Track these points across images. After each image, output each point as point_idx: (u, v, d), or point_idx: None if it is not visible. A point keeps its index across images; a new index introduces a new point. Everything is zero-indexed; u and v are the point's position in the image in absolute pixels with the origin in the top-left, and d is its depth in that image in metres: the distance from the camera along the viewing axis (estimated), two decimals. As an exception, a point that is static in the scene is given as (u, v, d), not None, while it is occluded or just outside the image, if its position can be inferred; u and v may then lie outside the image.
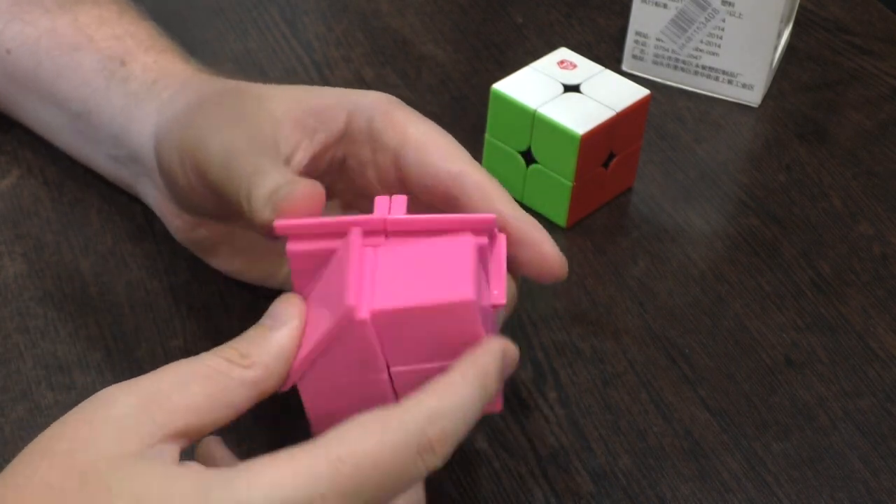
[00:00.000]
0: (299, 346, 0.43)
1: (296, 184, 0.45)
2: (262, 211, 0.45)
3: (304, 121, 0.50)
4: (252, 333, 0.43)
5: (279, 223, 0.44)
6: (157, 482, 0.38)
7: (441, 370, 0.42)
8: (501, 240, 0.47)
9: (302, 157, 0.50)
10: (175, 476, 0.39)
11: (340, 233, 0.44)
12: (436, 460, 0.40)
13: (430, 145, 0.49)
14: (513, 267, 0.48)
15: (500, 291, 0.45)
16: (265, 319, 0.44)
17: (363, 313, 0.42)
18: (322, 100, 0.50)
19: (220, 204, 0.49)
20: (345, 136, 0.50)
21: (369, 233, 0.44)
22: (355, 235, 0.43)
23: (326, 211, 0.48)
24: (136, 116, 0.55)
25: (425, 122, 0.50)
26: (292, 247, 0.44)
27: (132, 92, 0.55)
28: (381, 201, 0.46)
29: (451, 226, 0.44)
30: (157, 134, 0.53)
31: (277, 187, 0.45)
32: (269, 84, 0.52)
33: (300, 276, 0.45)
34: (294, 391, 0.45)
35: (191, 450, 0.42)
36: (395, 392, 0.44)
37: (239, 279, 0.56)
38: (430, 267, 0.43)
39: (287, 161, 0.49)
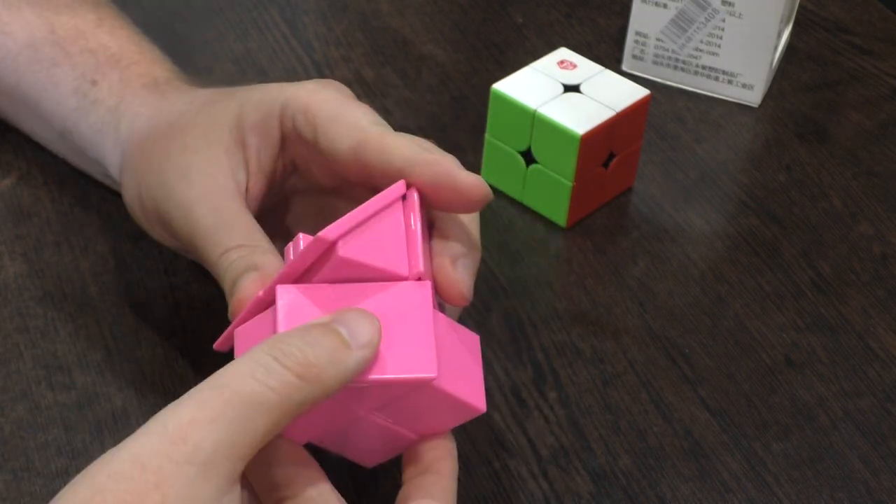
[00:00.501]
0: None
1: (243, 280, 0.46)
2: (228, 297, 0.46)
3: (248, 142, 0.50)
4: (323, 338, 0.40)
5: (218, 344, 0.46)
6: None
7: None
8: (411, 200, 0.45)
9: (257, 180, 0.50)
10: None
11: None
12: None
13: (330, 121, 0.48)
14: (436, 207, 0.46)
15: (414, 262, 0.43)
16: (340, 327, 0.41)
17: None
18: (257, 112, 0.50)
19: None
20: (285, 143, 0.50)
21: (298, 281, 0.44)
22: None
23: (290, 220, 0.52)
24: (107, 144, 0.55)
25: (329, 96, 0.49)
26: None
27: (100, 119, 0.56)
28: (287, 250, 0.45)
29: (365, 215, 0.43)
30: (121, 180, 0.54)
31: (237, 277, 0.46)
32: (213, 98, 0.52)
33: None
34: None
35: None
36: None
37: None
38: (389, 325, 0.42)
39: (246, 191, 0.50)
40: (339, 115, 0.48)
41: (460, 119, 0.69)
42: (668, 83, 0.74)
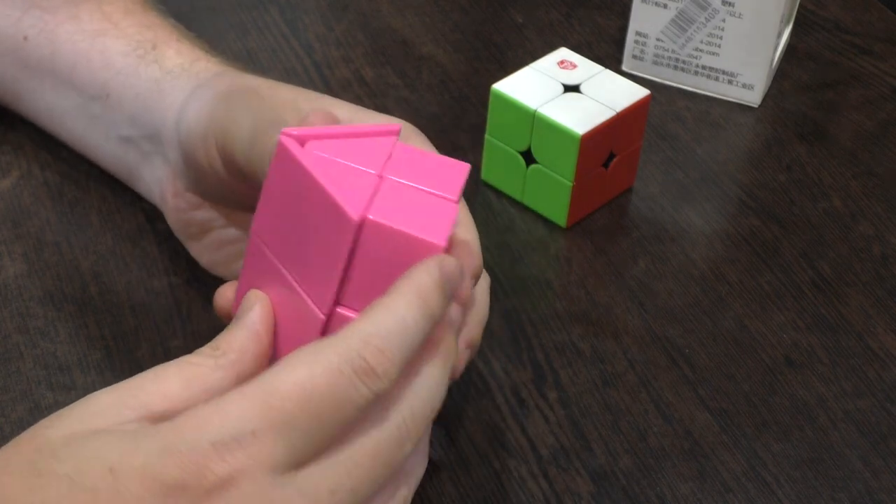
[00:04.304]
0: (270, 328, 0.43)
1: None
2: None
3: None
4: (223, 331, 0.43)
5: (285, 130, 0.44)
6: (98, 445, 0.38)
7: None
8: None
9: None
10: (119, 437, 0.38)
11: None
12: (379, 382, 0.39)
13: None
14: None
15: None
16: (234, 320, 0.44)
17: (356, 215, 0.41)
18: (351, 116, 0.51)
19: (232, 186, 0.50)
20: None
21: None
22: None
23: None
24: (167, 90, 0.56)
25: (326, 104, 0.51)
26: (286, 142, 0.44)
27: (167, 69, 0.57)
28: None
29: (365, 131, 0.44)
30: (187, 110, 0.53)
31: None
32: (294, 88, 0.53)
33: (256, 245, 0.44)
34: None
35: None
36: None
37: (215, 272, 0.56)
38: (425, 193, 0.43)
39: None
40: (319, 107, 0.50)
41: (460, 119, 0.69)
42: (668, 83, 0.74)
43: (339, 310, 0.42)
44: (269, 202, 0.44)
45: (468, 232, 0.47)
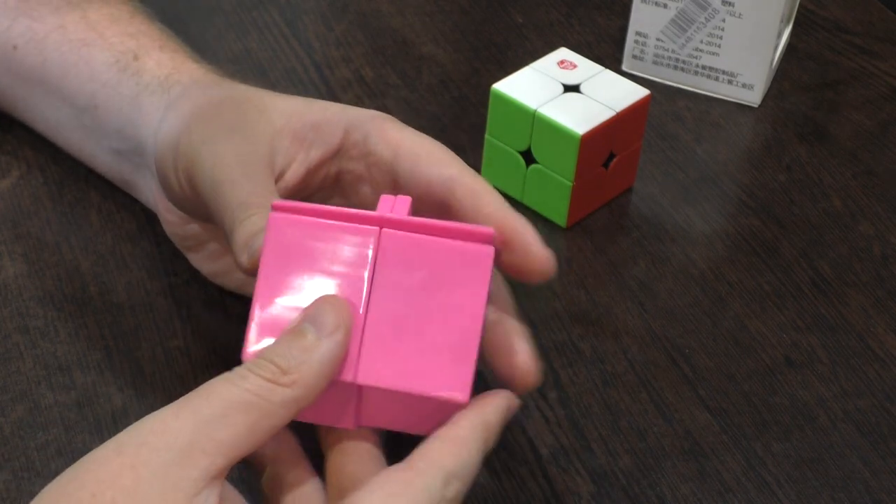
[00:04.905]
0: (344, 359, 0.42)
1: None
2: (239, 254, 0.45)
3: (303, 133, 0.51)
4: (293, 343, 0.41)
5: (275, 203, 0.44)
6: None
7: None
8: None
9: (296, 171, 0.50)
10: None
11: (335, 216, 0.43)
12: None
13: (421, 154, 0.49)
14: (502, 268, 0.47)
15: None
16: (307, 324, 0.42)
17: (350, 376, 0.42)
18: (322, 114, 0.51)
19: (203, 209, 0.50)
20: (340, 152, 0.51)
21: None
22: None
23: None
24: (145, 107, 0.55)
25: (419, 134, 0.50)
26: (276, 216, 0.43)
27: (144, 83, 0.56)
28: (385, 200, 0.46)
29: (450, 233, 0.43)
30: (159, 133, 0.53)
31: (256, 232, 0.45)
32: (273, 92, 0.53)
33: (272, 255, 0.44)
34: None
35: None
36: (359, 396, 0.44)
37: (216, 282, 0.56)
38: (434, 306, 0.42)
39: (281, 175, 0.50)
40: (430, 150, 0.49)
41: (460, 119, 0.69)
42: (668, 83, 0.74)
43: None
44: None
45: (490, 202, 0.47)
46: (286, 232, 0.43)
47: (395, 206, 0.45)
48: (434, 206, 0.48)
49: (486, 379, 0.55)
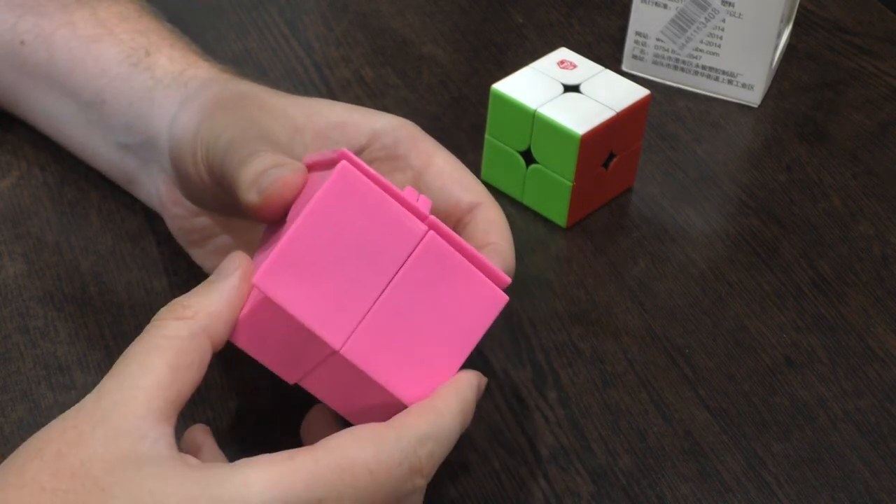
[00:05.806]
0: (246, 294, 0.44)
1: (283, 168, 0.45)
2: (247, 192, 0.45)
3: (326, 132, 0.51)
4: (197, 288, 0.44)
5: (345, 152, 0.43)
6: (151, 483, 0.39)
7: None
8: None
9: None
10: (169, 476, 0.39)
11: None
12: (422, 481, 0.42)
13: (453, 174, 0.51)
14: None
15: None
16: (212, 276, 0.45)
17: (338, 344, 0.42)
18: (347, 115, 0.52)
19: (222, 197, 0.50)
20: (364, 153, 0.52)
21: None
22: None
23: None
24: (158, 100, 0.56)
25: (447, 151, 0.52)
26: (346, 167, 0.43)
27: (158, 78, 0.56)
28: (411, 192, 0.46)
29: (479, 264, 0.44)
30: (175, 125, 0.53)
31: (264, 169, 0.45)
32: (292, 94, 0.53)
33: (327, 200, 0.43)
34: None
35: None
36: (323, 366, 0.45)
37: None
38: (430, 327, 0.44)
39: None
40: (462, 175, 0.51)
41: (460, 119, 0.69)
42: (668, 83, 0.74)
43: None
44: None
45: (501, 236, 0.49)
46: (349, 185, 0.42)
47: (419, 202, 0.46)
48: (442, 217, 0.49)
49: (488, 385, 0.55)
